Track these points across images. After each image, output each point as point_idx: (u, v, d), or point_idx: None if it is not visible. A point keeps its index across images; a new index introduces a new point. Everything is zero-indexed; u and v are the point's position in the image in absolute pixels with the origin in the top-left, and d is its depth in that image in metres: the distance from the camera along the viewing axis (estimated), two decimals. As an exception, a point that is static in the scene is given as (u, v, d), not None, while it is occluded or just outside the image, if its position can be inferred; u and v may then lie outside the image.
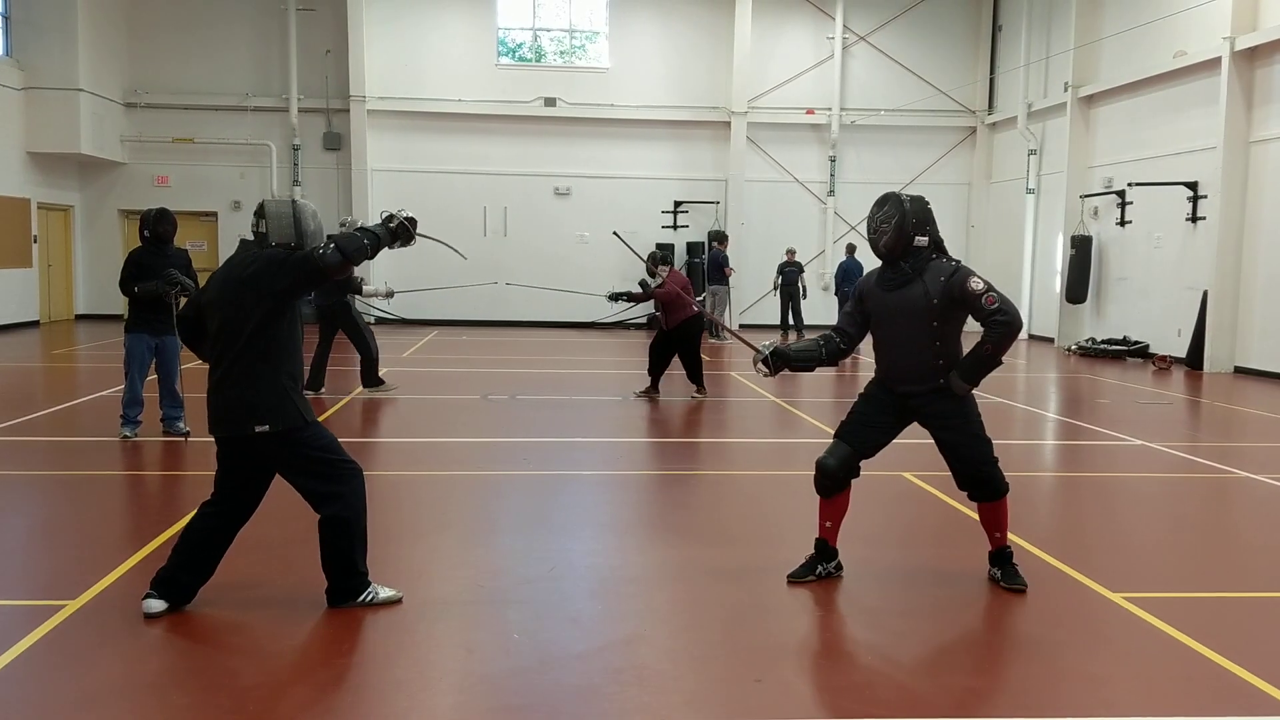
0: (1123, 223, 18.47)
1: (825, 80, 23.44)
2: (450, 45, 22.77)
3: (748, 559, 5.61)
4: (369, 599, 4.67)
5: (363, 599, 4.66)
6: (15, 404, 10.68)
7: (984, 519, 5.18)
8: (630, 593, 5.08)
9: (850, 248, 20.67)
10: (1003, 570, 5.17)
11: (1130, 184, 17.98)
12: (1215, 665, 4.22)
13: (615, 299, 12.38)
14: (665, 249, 22.56)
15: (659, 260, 11.67)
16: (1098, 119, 19.57)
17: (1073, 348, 19.07)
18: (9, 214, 19.72)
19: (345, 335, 11.29)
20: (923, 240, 4.91)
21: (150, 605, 4.54)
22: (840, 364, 5.40)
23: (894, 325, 4.99)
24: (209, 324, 4.64)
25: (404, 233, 4.72)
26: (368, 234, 4.64)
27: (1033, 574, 5.26)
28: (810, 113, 23.55)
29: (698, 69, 23.22)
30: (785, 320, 21.55)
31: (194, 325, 4.82)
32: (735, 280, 21.99)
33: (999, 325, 4.75)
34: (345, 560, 4.64)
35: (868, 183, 22.93)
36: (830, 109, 23.46)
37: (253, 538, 5.08)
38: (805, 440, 9.30)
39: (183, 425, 8.68)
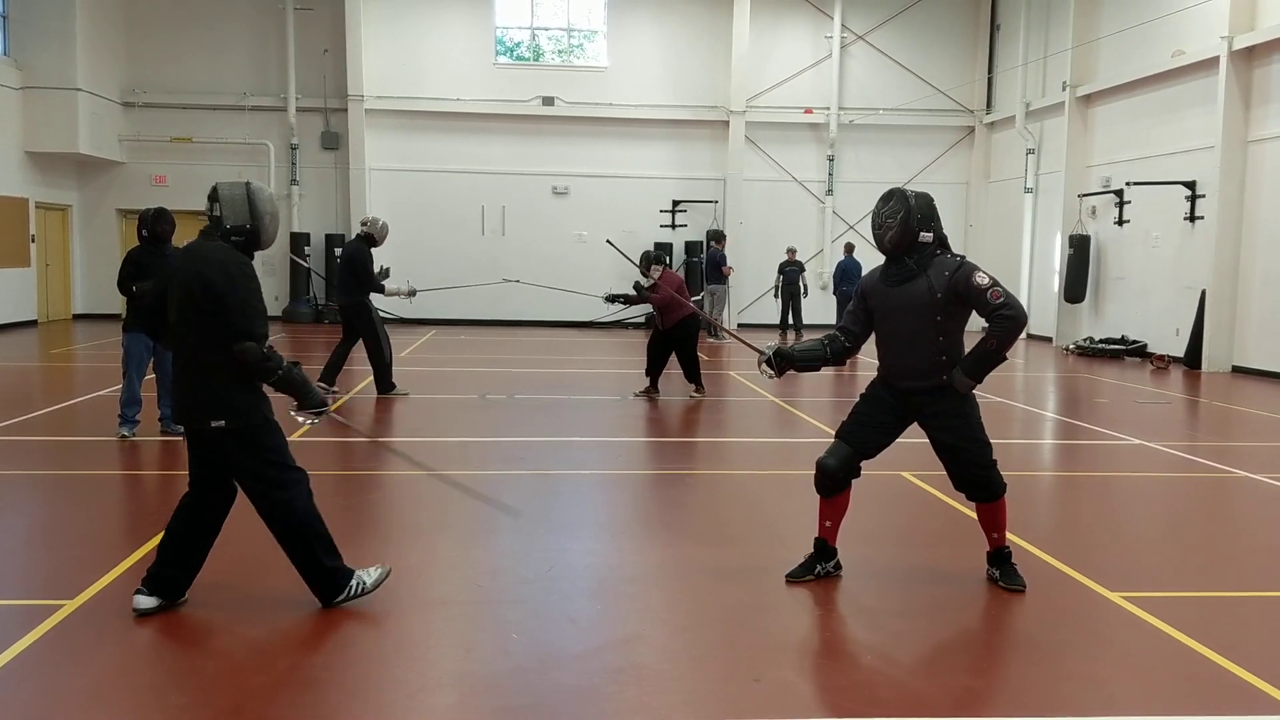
0: (1121, 222, 18.48)
1: (823, 79, 23.44)
2: (448, 44, 22.76)
3: (747, 559, 5.61)
4: (358, 589, 4.64)
5: (352, 591, 4.63)
6: (13, 404, 10.67)
7: (982, 520, 5.17)
8: (629, 592, 5.07)
9: (849, 247, 20.67)
10: (1002, 570, 5.17)
11: (1128, 183, 17.99)
12: (1214, 664, 4.22)
13: (612, 301, 12.37)
14: (663, 248, 22.66)
15: (652, 260, 11.66)
16: (1096, 118, 19.58)
17: (1071, 347, 19.08)
18: (7, 213, 19.70)
19: (361, 337, 11.28)
20: (927, 236, 4.90)
21: (140, 602, 4.53)
22: (842, 363, 5.39)
23: (897, 321, 4.98)
24: (170, 314, 4.59)
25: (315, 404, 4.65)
26: (290, 373, 4.50)
27: (1032, 574, 5.26)
28: (808, 112, 23.56)
29: (696, 68, 23.22)
30: (785, 320, 21.56)
31: (157, 315, 4.74)
32: (734, 280, 22.00)
33: (1004, 320, 4.74)
34: (310, 563, 4.60)
35: (866, 182, 22.92)
36: (828, 108, 23.47)
37: (250, 536, 5.07)
38: (805, 440, 9.30)
39: (181, 425, 8.66)
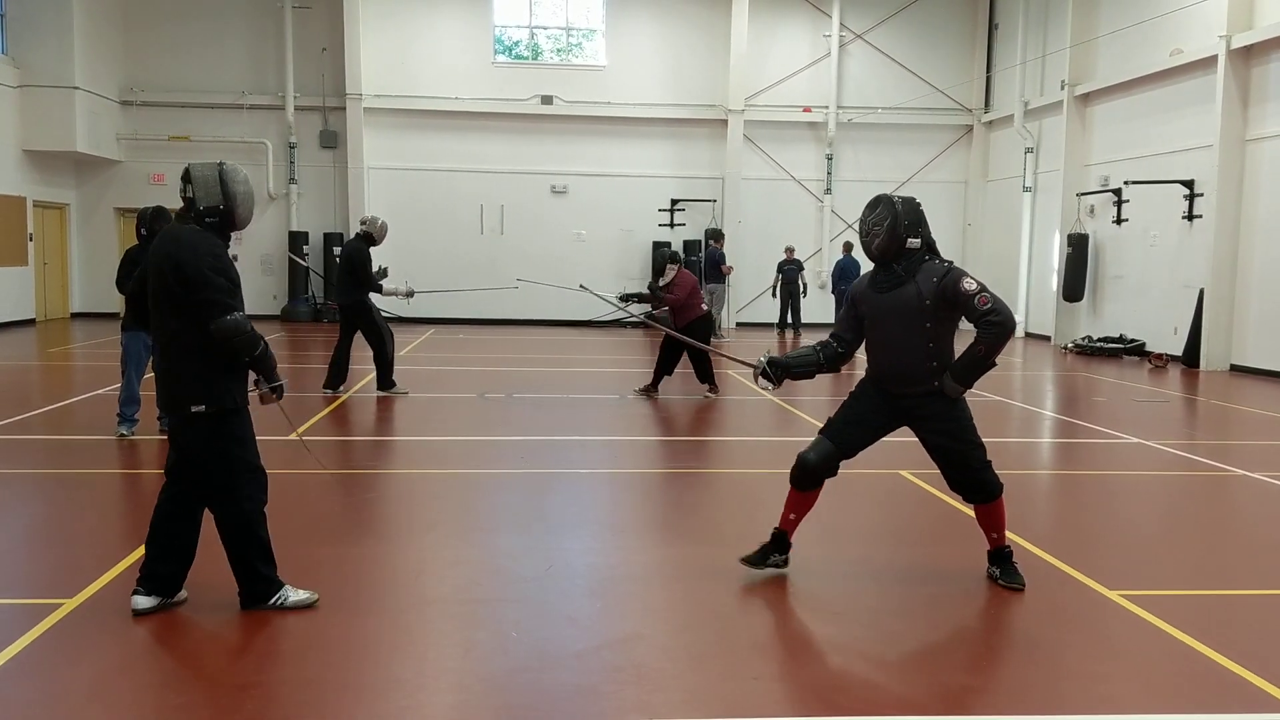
0: (1119, 221, 18.49)
1: (822, 78, 23.44)
2: (447, 43, 22.74)
3: (746, 557, 5.61)
4: (279, 603, 4.61)
5: (272, 603, 4.60)
6: (12, 402, 10.67)
7: (981, 520, 5.18)
8: (628, 591, 5.08)
9: (847, 245, 20.68)
10: (1002, 569, 5.17)
11: (1127, 182, 18.00)
12: (1212, 662, 4.23)
13: (627, 300, 12.41)
14: (662, 247, 22.64)
15: (668, 259, 11.68)
16: (1094, 117, 19.59)
17: (1069, 346, 19.09)
18: (4, 212, 19.69)
19: (363, 335, 11.27)
20: (915, 242, 4.90)
21: (139, 602, 4.54)
22: (837, 369, 5.39)
23: (887, 327, 4.98)
24: (149, 300, 4.62)
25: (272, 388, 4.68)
26: (263, 354, 4.55)
27: (1031, 572, 5.27)
28: (807, 111, 23.56)
29: (694, 67, 23.22)
30: (784, 319, 21.57)
31: (141, 302, 4.77)
32: (733, 279, 22.00)
33: (992, 326, 4.74)
34: (247, 569, 4.59)
35: (864, 181, 22.95)
36: (827, 107, 23.47)
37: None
38: (804, 439, 9.21)
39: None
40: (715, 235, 21.76)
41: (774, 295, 21.96)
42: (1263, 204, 15.26)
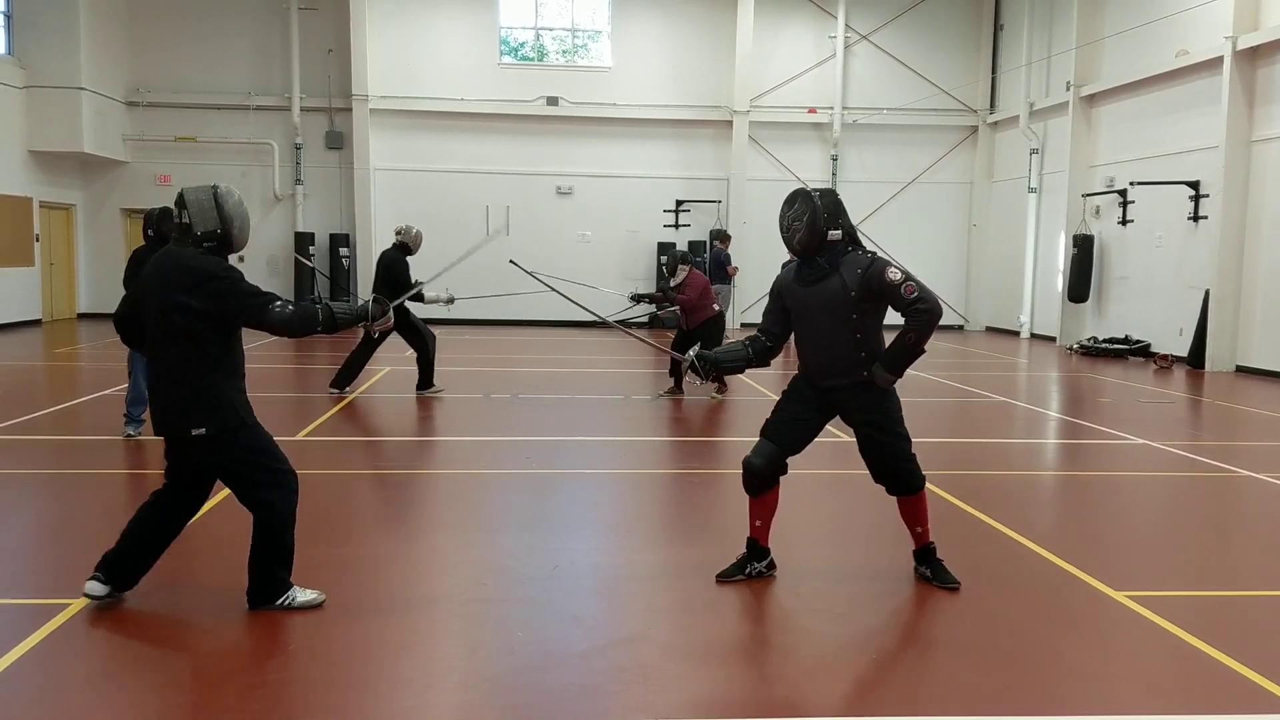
0: (1124, 222, 18.46)
1: (827, 79, 23.44)
2: (452, 44, 22.77)
3: (750, 558, 5.60)
4: (286, 603, 4.62)
5: (280, 603, 4.62)
6: (18, 403, 10.69)
7: (904, 514, 5.16)
8: (633, 591, 5.08)
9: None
10: (932, 569, 5.15)
11: (1132, 183, 17.97)
12: (1218, 663, 4.23)
13: (637, 301, 12.40)
14: (666, 248, 22.64)
15: (680, 260, 11.68)
16: (1100, 118, 19.57)
17: (1074, 347, 19.07)
18: (11, 213, 19.74)
19: (406, 340, 11.37)
20: (836, 234, 4.89)
21: (92, 588, 4.56)
22: (766, 363, 5.40)
23: (814, 320, 4.97)
24: (146, 320, 4.58)
25: (375, 314, 4.87)
26: (341, 312, 4.72)
27: (1036, 572, 5.27)
28: (812, 111, 23.55)
29: (699, 68, 23.22)
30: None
31: (133, 324, 4.72)
32: (737, 279, 21.97)
33: (920, 314, 4.74)
34: (264, 569, 4.61)
35: (869, 181, 22.94)
36: (832, 108, 23.46)
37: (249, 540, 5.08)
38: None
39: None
40: (720, 236, 21.75)
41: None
42: (1268, 205, 15.23)
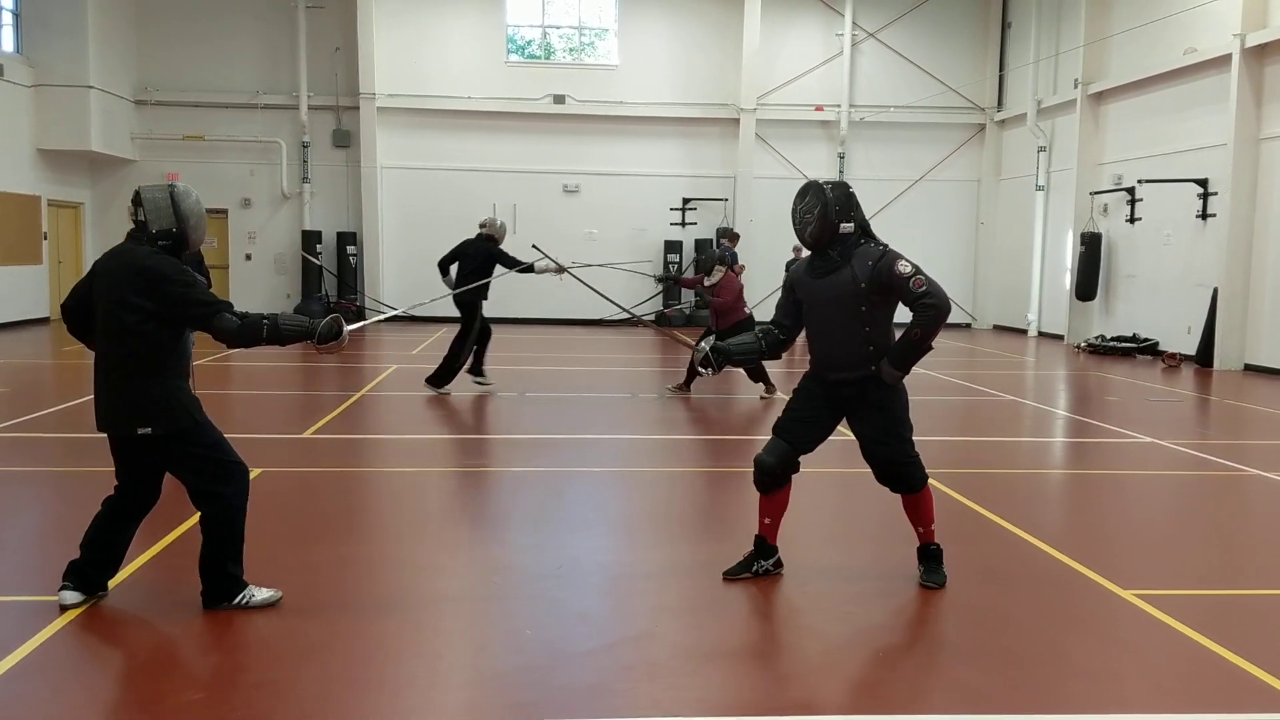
0: (1132, 220, 18.41)
1: (834, 77, 23.40)
2: (459, 43, 22.78)
3: (757, 556, 5.60)
4: (244, 601, 4.59)
5: (237, 601, 4.59)
6: (26, 400, 10.72)
7: (907, 513, 5.15)
8: (641, 589, 5.08)
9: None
10: (926, 567, 5.14)
11: (1140, 181, 17.92)
12: (1227, 662, 4.21)
13: (663, 280, 12.32)
14: (673, 246, 22.64)
15: (716, 259, 11.59)
16: (1108, 116, 19.51)
17: (1082, 345, 19.01)
18: (19, 211, 19.79)
19: (460, 329, 11.42)
20: (848, 226, 4.88)
21: (67, 597, 4.57)
22: (778, 356, 5.39)
23: (825, 312, 4.96)
24: (96, 314, 4.56)
25: (330, 335, 4.63)
26: (289, 327, 4.56)
27: (1043, 571, 5.26)
28: (819, 109, 23.52)
29: (706, 66, 23.20)
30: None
31: (80, 316, 4.70)
32: (745, 277, 21.93)
33: (927, 309, 4.72)
34: (214, 564, 4.58)
35: (877, 179, 22.90)
36: (839, 106, 23.42)
37: (257, 537, 5.09)
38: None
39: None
40: (727, 234, 21.74)
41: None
42: (1276, 203, 15.17)
